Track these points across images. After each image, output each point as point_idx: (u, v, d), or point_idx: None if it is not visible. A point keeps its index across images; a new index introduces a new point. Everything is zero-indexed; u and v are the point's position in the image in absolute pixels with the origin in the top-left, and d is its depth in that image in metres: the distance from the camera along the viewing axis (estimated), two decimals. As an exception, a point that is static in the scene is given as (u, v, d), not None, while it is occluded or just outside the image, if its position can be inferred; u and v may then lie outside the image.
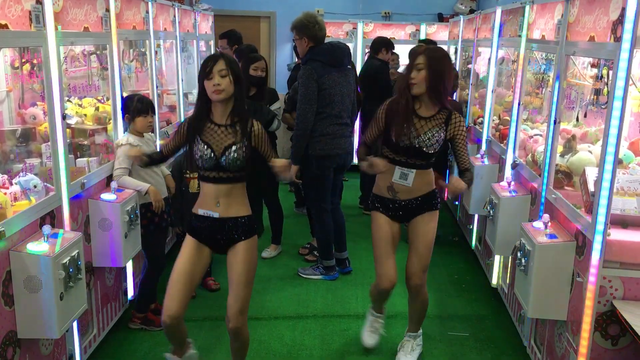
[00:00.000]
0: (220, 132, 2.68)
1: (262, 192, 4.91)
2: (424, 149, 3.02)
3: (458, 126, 3.05)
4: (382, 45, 6.07)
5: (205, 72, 2.61)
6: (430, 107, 3.04)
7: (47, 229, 2.61)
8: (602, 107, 2.92)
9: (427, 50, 3.00)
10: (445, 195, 6.25)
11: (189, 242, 2.80)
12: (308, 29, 4.23)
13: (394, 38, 6.54)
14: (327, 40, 4.35)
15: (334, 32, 8.10)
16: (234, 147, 2.65)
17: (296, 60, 5.41)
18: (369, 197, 3.36)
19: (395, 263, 3.22)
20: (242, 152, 2.66)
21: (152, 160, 2.94)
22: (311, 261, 4.80)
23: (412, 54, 3.05)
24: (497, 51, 4.84)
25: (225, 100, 2.65)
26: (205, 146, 2.66)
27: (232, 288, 2.77)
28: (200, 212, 2.76)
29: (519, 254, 3.07)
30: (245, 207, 2.79)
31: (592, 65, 3.20)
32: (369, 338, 3.52)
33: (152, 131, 3.81)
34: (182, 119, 5.07)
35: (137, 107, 3.56)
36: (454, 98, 5.97)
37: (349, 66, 4.40)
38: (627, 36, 2.34)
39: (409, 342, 3.44)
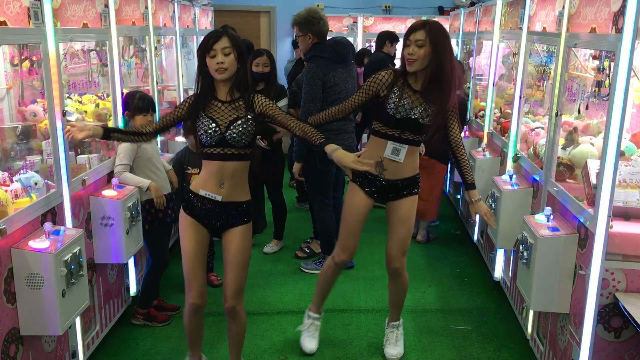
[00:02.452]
0: (224, 108, 2.65)
1: (265, 187, 4.90)
2: (420, 120, 2.97)
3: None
4: (385, 39, 6.22)
5: (206, 47, 2.55)
6: (425, 82, 2.98)
7: (48, 226, 2.61)
8: (604, 99, 2.91)
9: (428, 25, 2.93)
10: (447, 188, 6.24)
11: (188, 222, 2.77)
12: (313, 25, 4.18)
13: (395, 32, 6.57)
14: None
15: (334, 26, 8.08)
16: (239, 122, 2.61)
17: (295, 55, 5.37)
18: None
19: (359, 240, 3.27)
20: (248, 126, 2.62)
21: (124, 135, 2.74)
22: (302, 258, 4.82)
23: (411, 29, 3.02)
24: (498, 44, 4.82)
25: (229, 78, 2.63)
26: (210, 121, 2.62)
27: (228, 270, 2.80)
28: (202, 192, 2.72)
29: (521, 247, 3.06)
30: (246, 192, 2.79)
31: (594, 57, 3.19)
32: (309, 342, 3.42)
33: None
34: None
35: (138, 105, 3.55)
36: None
37: (352, 61, 4.38)
38: (628, 27, 2.33)
39: (392, 333, 3.43)
